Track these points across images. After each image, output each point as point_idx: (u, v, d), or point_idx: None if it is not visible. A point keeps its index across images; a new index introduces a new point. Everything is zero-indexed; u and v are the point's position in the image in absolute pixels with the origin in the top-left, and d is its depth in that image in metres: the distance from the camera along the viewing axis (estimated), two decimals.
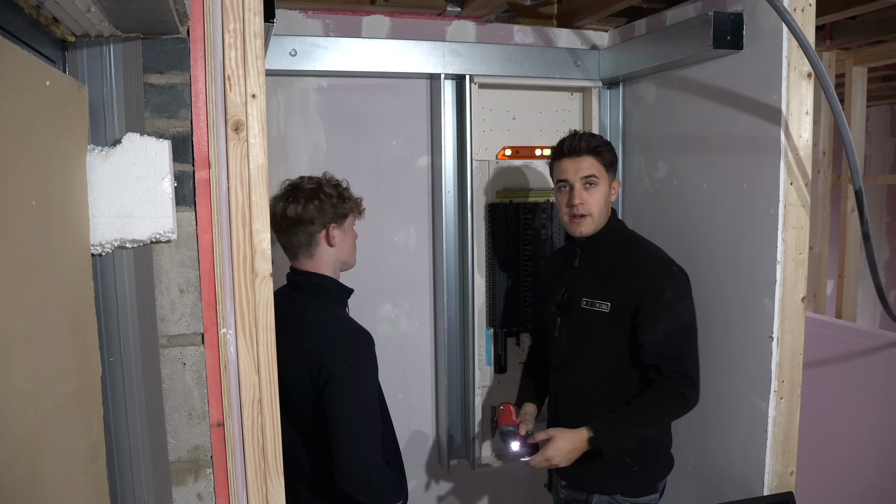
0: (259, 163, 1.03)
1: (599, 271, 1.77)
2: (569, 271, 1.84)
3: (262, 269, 1.05)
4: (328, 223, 1.64)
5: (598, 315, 1.74)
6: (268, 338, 1.06)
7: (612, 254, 1.77)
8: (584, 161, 1.73)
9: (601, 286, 1.75)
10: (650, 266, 1.74)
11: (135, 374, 0.96)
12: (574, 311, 1.79)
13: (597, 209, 1.73)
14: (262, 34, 1.02)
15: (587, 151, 1.73)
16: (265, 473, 1.08)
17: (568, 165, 1.74)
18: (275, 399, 1.07)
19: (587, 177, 1.72)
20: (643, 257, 1.77)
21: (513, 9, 2.27)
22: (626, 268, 1.74)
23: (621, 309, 1.71)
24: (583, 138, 1.74)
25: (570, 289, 1.82)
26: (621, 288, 1.72)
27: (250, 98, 1.02)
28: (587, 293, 1.77)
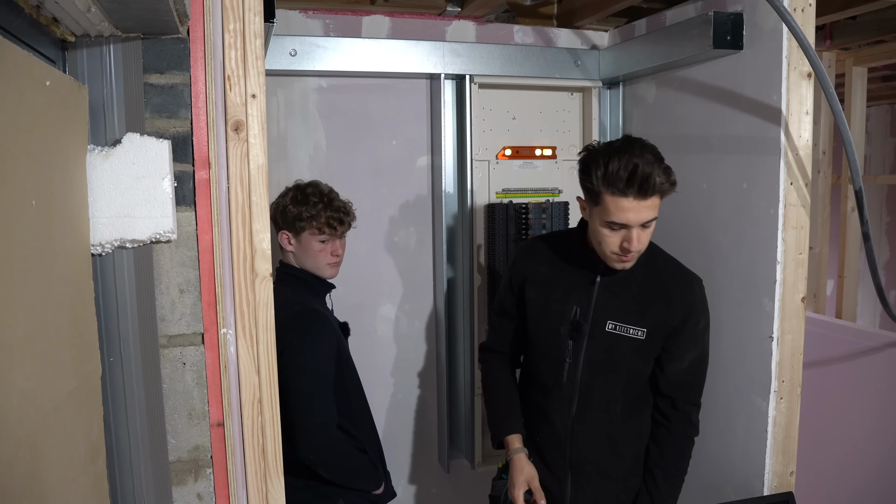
0: (259, 163, 1.03)
1: (632, 292, 1.56)
2: (584, 287, 1.58)
3: (262, 269, 1.05)
4: (281, 228, 1.78)
5: (630, 342, 1.55)
6: (268, 338, 1.06)
7: (644, 272, 1.56)
8: (649, 202, 1.40)
9: (635, 310, 1.55)
10: (694, 289, 1.57)
11: (135, 374, 0.96)
12: (596, 334, 1.56)
13: (646, 244, 1.49)
14: (262, 34, 1.02)
15: (656, 193, 1.39)
16: (265, 473, 1.08)
17: (630, 208, 1.39)
18: (275, 399, 1.07)
19: (649, 221, 1.43)
20: (683, 278, 1.59)
21: (513, 9, 2.27)
22: (667, 290, 1.56)
23: (656, 336, 1.55)
24: (653, 170, 1.37)
25: (589, 308, 1.57)
26: (661, 314, 1.54)
27: (250, 98, 1.02)
28: (616, 316, 1.55)
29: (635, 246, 1.43)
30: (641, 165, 1.36)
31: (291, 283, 1.79)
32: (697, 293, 1.57)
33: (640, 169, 1.36)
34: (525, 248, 1.73)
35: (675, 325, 1.54)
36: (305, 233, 1.76)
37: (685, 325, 1.54)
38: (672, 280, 1.57)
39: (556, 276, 1.62)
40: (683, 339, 1.55)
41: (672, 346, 1.55)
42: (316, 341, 1.69)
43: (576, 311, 1.57)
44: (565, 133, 2.36)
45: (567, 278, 1.60)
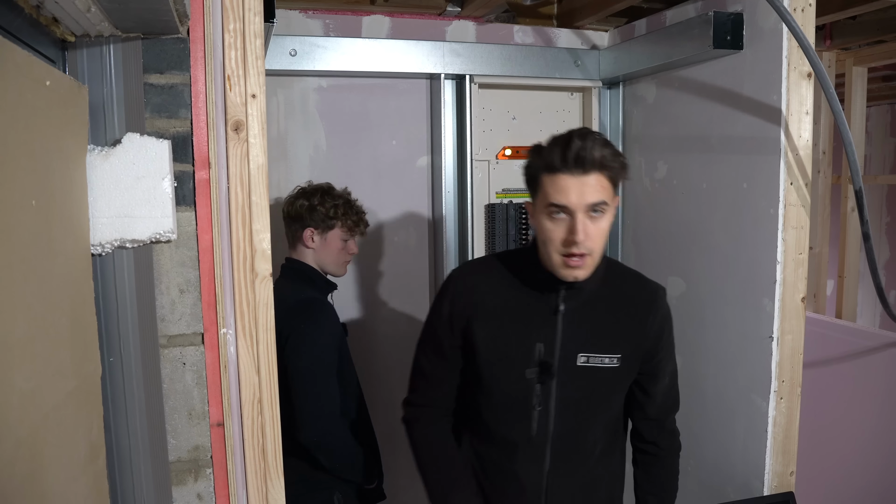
0: (259, 163, 1.03)
1: (599, 316, 1.35)
2: (546, 318, 1.33)
3: (262, 269, 1.05)
4: (307, 226, 1.81)
5: (605, 373, 1.34)
6: (268, 338, 1.06)
7: (608, 291, 1.37)
8: (591, 180, 1.20)
9: (606, 336, 1.35)
10: (659, 299, 1.40)
11: (135, 374, 0.96)
12: (567, 373, 1.33)
13: (600, 244, 1.25)
14: (262, 34, 1.02)
15: (598, 167, 1.20)
16: (265, 473, 1.08)
17: (570, 185, 1.20)
18: (275, 399, 1.07)
19: (596, 204, 1.21)
20: (647, 289, 1.41)
21: (513, 9, 2.27)
22: (634, 306, 1.38)
23: (631, 360, 1.37)
24: (594, 145, 1.19)
25: (555, 343, 1.33)
26: (632, 334, 1.36)
27: (250, 98, 1.02)
28: (586, 347, 1.33)
29: (580, 237, 1.19)
30: (578, 139, 1.20)
31: (292, 278, 1.83)
32: (663, 303, 1.40)
33: (575, 142, 1.19)
34: (466, 273, 1.43)
35: (650, 345, 1.37)
36: (334, 230, 1.82)
37: (660, 341, 1.39)
38: (637, 294, 1.39)
39: (511, 307, 1.34)
40: (662, 355, 1.40)
41: (652, 367, 1.40)
42: (321, 327, 1.73)
43: (540, 348, 1.31)
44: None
45: (525, 309, 1.33)
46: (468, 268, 1.48)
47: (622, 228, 2.28)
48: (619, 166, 1.23)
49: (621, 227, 2.28)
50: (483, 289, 1.37)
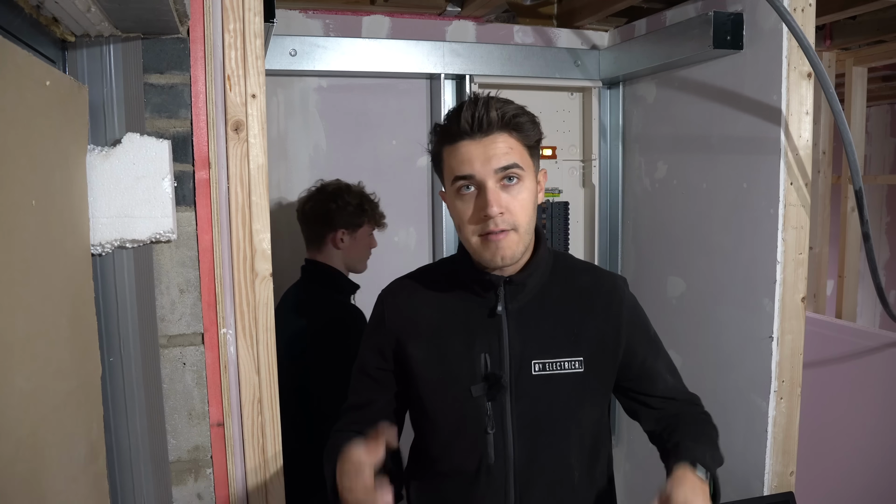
0: (259, 163, 1.03)
1: (550, 314, 1.15)
2: (486, 323, 1.13)
3: (262, 269, 1.05)
4: (338, 227, 1.78)
5: (568, 380, 1.13)
6: (268, 338, 1.06)
7: (558, 286, 1.17)
8: (497, 142, 1.05)
9: (560, 336, 1.14)
10: (619, 286, 1.21)
11: (135, 374, 0.96)
12: (521, 384, 1.12)
13: (525, 219, 1.07)
14: (262, 34, 1.02)
15: (501, 126, 1.05)
16: (265, 473, 1.08)
17: (470, 152, 1.05)
18: (275, 399, 1.07)
19: (506, 168, 1.04)
20: (603, 278, 1.23)
21: (513, 9, 2.27)
22: (590, 298, 1.17)
23: (600, 362, 1.15)
24: (492, 103, 1.05)
25: (502, 351, 1.12)
26: (595, 332, 1.15)
27: (250, 98, 1.02)
28: (540, 351, 1.13)
29: (493, 208, 1.02)
30: (472, 101, 1.06)
31: (319, 282, 1.80)
32: (626, 293, 1.21)
33: (469, 104, 1.06)
34: (394, 290, 1.24)
35: (623, 343, 1.17)
36: (362, 228, 1.82)
37: (635, 336, 1.18)
38: (594, 287, 1.19)
39: (448, 318, 1.15)
40: (644, 352, 1.19)
41: (639, 370, 1.19)
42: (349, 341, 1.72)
43: (485, 359, 1.12)
44: (565, 133, 2.36)
45: (464, 317, 1.14)
46: (396, 284, 1.25)
47: (622, 228, 2.28)
48: (528, 121, 1.08)
49: (621, 226, 2.28)
50: (415, 304, 1.18)
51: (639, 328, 1.21)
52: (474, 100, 1.07)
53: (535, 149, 1.11)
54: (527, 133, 1.08)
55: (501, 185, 1.05)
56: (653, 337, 1.24)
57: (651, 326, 1.25)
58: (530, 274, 1.13)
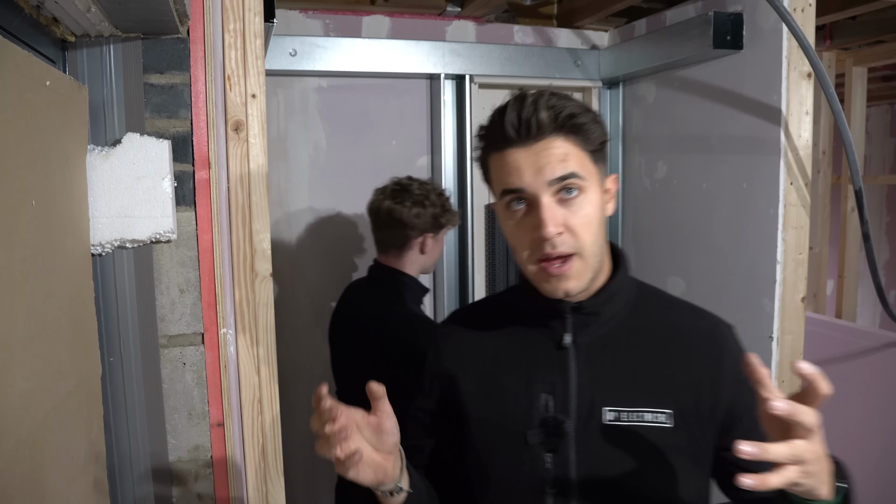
0: (259, 163, 1.03)
1: (630, 352, 0.94)
2: (550, 358, 0.95)
3: (262, 269, 1.05)
4: (426, 232, 1.70)
5: (652, 437, 0.90)
6: (268, 338, 1.06)
7: (637, 315, 0.97)
8: (550, 149, 0.86)
9: (644, 380, 0.92)
10: (721, 327, 0.97)
11: (135, 374, 0.96)
12: (590, 434, 0.91)
13: (589, 238, 0.88)
14: (262, 34, 1.02)
15: (555, 128, 0.87)
16: (265, 473, 1.08)
17: (519, 160, 0.87)
18: (275, 399, 1.07)
19: (562, 179, 0.86)
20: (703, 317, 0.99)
21: (513, 9, 2.27)
22: (687, 336, 0.95)
23: (696, 421, 0.90)
24: (539, 103, 0.87)
25: (567, 392, 0.92)
26: (691, 382, 0.91)
27: (250, 98, 1.02)
28: (616, 396, 0.91)
29: (549, 228, 0.84)
30: (519, 98, 0.88)
31: (398, 292, 1.71)
32: (730, 338, 0.97)
33: (516, 102, 0.88)
34: (450, 322, 1.10)
35: (723, 401, 0.91)
36: (444, 229, 1.76)
37: (742, 395, 0.90)
38: (692, 327, 0.96)
39: (502, 350, 0.99)
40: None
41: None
42: None
43: (546, 401, 0.93)
44: None
45: (521, 349, 0.97)
46: (454, 315, 1.12)
47: (622, 228, 2.28)
48: (588, 122, 0.88)
49: (621, 227, 2.28)
50: (472, 335, 1.03)
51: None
52: (521, 97, 0.88)
53: (599, 153, 0.91)
54: (587, 136, 0.88)
55: (558, 200, 0.87)
56: None
57: None
58: (606, 301, 0.93)
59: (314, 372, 2.16)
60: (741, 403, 0.91)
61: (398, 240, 1.71)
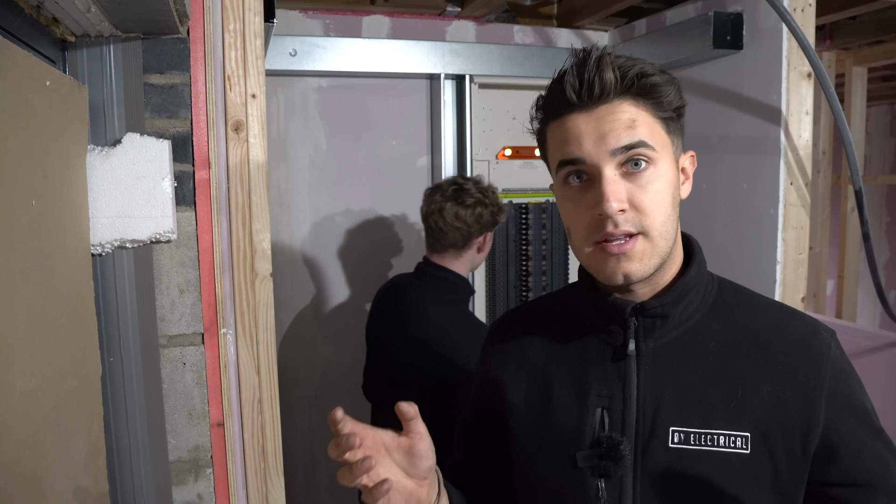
0: (259, 163, 1.03)
1: (704, 363, 0.79)
2: (608, 367, 0.82)
3: (262, 269, 1.05)
4: (485, 231, 1.74)
5: (723, 462, 0.76)
6: (268, 338, 1.06)
7: (714, 318, 0.82)
8: (615, 113, 0.75)
9: (716, 396, 0.78)
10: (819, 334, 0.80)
11: (135, 374, 0.96)
12: (652, 459, 0.78)
13: (659, 217, 0.76)
14: (262, 34, 1.02)
15: (622, 90, 0.76)
16: (265, 473, 1.08)
17: (580, 125, 0.76)
18: (275, 399, 1.07)
19: (629, 147, 0.74)
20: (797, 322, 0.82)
21: (513, 9, 2.27)
22: (769, 345, 0.79)
23: (778, 441, 0.76)
24: (604, 61, 0.76)
25: (628, 407, 0.80)
26: (770, 394, 0.77)
27: (250, 98, 1.02)
28: (681, 416, 0.78)
29: (612, 204, 0.72)
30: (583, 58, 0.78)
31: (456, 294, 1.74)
32: (832, 347, 0.80)
33: (579, 62, 0.77)
34: (502, 322, 0.98)
35: (818, 422, 0.76)
36: (498, 225, 1.78)
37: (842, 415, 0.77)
38: (777, 330, 0.80)
39: (554, 358, 0.87)
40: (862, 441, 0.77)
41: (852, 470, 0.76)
42: None
43: (602, 416, 0.80)
44: None
45: (575, 357, 0.85)
46: (506, 316, 1.00)
47: None
48: (664, 83, 0.76)
49: None
50: (524, 339, 0.91)
51: (849, 405, 0.78)
52: (584, 57, 0.77)
53: (674, 122, 0.80)
54: (661, 99, 0.76)
55: (623, 172, 0.75)
56: (876, 422, 0.81)
57: (871, 404, 0.82)
58: (676, 300, 0.80)
59: (314, 372, 2.16)
60: (842, 428, 0.76)
61: (459, 240, 1.72)
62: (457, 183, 1.74)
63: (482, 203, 1.71)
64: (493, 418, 0.93)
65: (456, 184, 1.74)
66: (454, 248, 1.73)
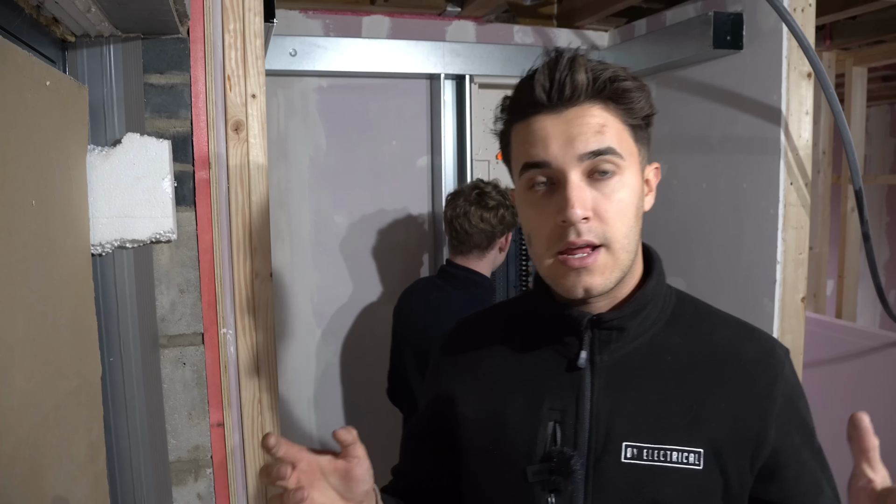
0: (259, 163, 1.03)
1: (659, 378, 0.78)
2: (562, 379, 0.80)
3: (262, 269, 1.05)
4: (507, 231, 1.83)
5: (676, 478, 0.74)
6: (268, 338, 1.06)
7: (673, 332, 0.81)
8: (585, 117, 0.74)
9: (672, 411, 0.77)
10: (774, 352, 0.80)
11: (135, 374, 0.96)
12: (603, 473, 0.76)
13: (622, 229, 0.74)
14: (262, 34, 1.02)
15: (593, 93, 0.75)
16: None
17: (547, 128, 0.74)
18: (275, 399, 1.07)
19: (597, 153, 0.72)
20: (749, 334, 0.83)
21: (513, 9, 2.27)
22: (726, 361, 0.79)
23: (731, 458, 0.75)
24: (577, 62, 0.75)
25: (580, 420, 0.78)
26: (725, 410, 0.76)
27: (250, 98, 1.02)
28: (635, 430, 0.76)
29: (576, 210, 0.70)
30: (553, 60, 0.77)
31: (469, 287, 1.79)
32: (786, 365, 0.80)
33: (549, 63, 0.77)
34: (449, 334, 0.95)
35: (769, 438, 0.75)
36: (514, 227, 1.85)
37: (790, 433, 0.77)
38: (734, 345, 0.80)
39: (507, 369, 0.84)
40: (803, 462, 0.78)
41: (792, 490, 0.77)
42: None
43: (554, 430, 0.78)
44: None
45: (529, 368, 0.83)
46: (459, 324, 0.96)
47: None
48: (634, 88, 0.75)
49: None
50: (477, 349, 0.89)
51: (796, 424, 0.78)
52: (555, 57, 0.76)
53: (642, 130, 0.78)
54: (632, 105, 0.75)
55: (590, 180, 0.72)
56: (817, 443, 0.81)
57: (813, 423, 0.82)
58: (634, 313, 0.78)
59: (314, 372, 2.16)
60: (787, 448, 0.76)
61: (483, 241, 1.80)
62: (478, 187, 1.82)
63: (503, 205, 1.79)
64: (442, 431, 0.90)
65: (478, 188, 1.82)
66: (478, 249, 1.81)
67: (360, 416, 2.19)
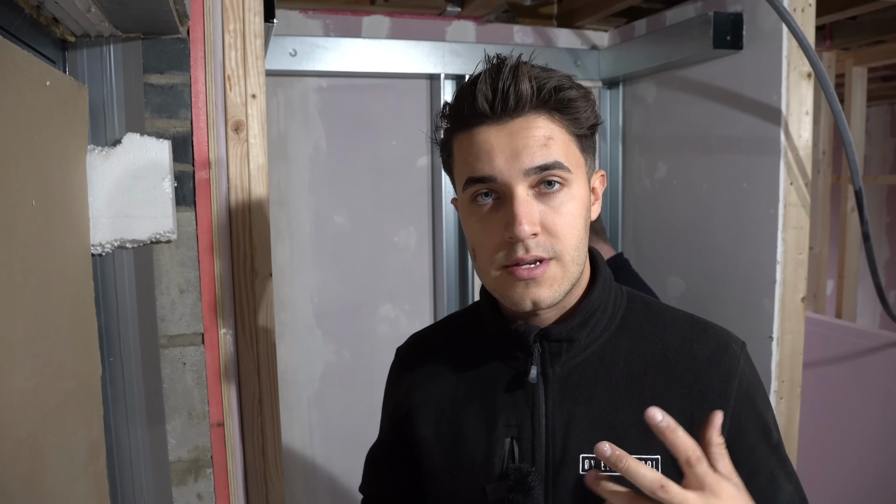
0: (259, 163, 1.03)
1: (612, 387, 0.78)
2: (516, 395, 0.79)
3: (262, 269, 1.05)
4: None
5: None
6: (268, 338, 1.06)
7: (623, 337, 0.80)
8: (531, 128, 0.71)
9: (626, 419, 0.76)
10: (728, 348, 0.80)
11: (135, 374, 0.96)
12: (561, 487, 0.76)
13: (572, 242, 0.73)
14: (262, 34, 1.02)
15: (538, 103, 0.72)
16: (265, 473, 1.08)
17: (492, 140, 0.72)
18: (275, 399, 1.07)
19: (543, 168, 0.71)
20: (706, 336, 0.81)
21: (513, 9, 2.27)
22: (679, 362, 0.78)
23: None
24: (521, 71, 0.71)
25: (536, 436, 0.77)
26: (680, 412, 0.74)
27: (250, 98, 1.02)
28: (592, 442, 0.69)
29: (524, 227, 0.69)
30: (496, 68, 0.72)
31: None
32: (741, 359, 0.79)
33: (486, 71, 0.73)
34: (406, 349, 0.94)
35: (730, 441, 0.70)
36: None
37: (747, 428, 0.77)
38: (686, 345, 0.79)
39: (462, 386, 0.83)
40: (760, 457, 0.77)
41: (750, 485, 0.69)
42: None
43: (511, 446, 0.78)
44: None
45: (483, 385, 0.82)
46: (412, 340, 0.94)
47: (622, 228, 2.28)
48: (579, 98, 0.73)
49: (621, 227, 2.28)
50: (430, 365, 0.87)
51: (753, 420, 0.77)
52: (497, 65, 0.72)
53: (588, 139, 0.76)
54: (577, 115, 0.73)
55: (536, 193, 0.71)
56: (775, 438, 0.79)
57: (773, 417, 0.80)
58: (581, 324, 0.77)
59: (314, 372, 2.16)
60: (742, 447, 0.75)
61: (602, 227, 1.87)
62: None
63: None
64: (403, 453, 0.89)
65: None
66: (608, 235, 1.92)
67: (361, 416, 2.19)
